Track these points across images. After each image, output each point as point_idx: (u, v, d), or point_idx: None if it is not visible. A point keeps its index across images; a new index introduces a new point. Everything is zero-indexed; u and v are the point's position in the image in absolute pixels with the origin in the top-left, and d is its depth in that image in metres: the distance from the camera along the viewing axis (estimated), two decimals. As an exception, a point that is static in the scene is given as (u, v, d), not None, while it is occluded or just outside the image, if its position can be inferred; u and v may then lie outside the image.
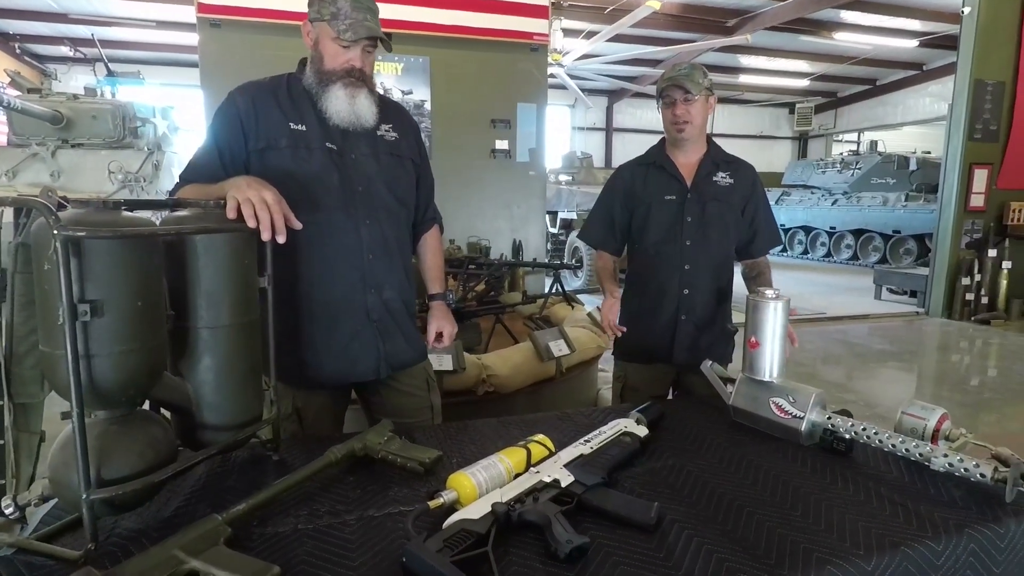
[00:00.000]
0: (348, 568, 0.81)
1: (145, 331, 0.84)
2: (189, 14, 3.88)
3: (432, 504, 0.90)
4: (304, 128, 1.34)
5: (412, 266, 1.55)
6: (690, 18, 10.73)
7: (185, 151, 6.53)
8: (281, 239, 1.05)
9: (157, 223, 0.93)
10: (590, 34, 9.07)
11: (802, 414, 1.23)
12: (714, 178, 1.80)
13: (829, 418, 1.21)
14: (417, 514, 0.88)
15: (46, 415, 0.90)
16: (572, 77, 10.41)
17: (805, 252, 13.28)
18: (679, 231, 1.78)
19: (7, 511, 0.84)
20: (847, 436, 1.17)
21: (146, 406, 0.97)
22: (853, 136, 17.48)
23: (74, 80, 9.91)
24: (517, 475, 1.00)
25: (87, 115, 6.17)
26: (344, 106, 1.33)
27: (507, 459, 1.01)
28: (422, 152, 1.57)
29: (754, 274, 1.90)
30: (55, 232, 0.73)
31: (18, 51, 12.23)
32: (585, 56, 9.53)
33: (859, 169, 12.64)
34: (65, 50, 11.72)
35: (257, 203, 1.01)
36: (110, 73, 7.10)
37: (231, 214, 1.00)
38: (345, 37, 1.31)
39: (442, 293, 1.65)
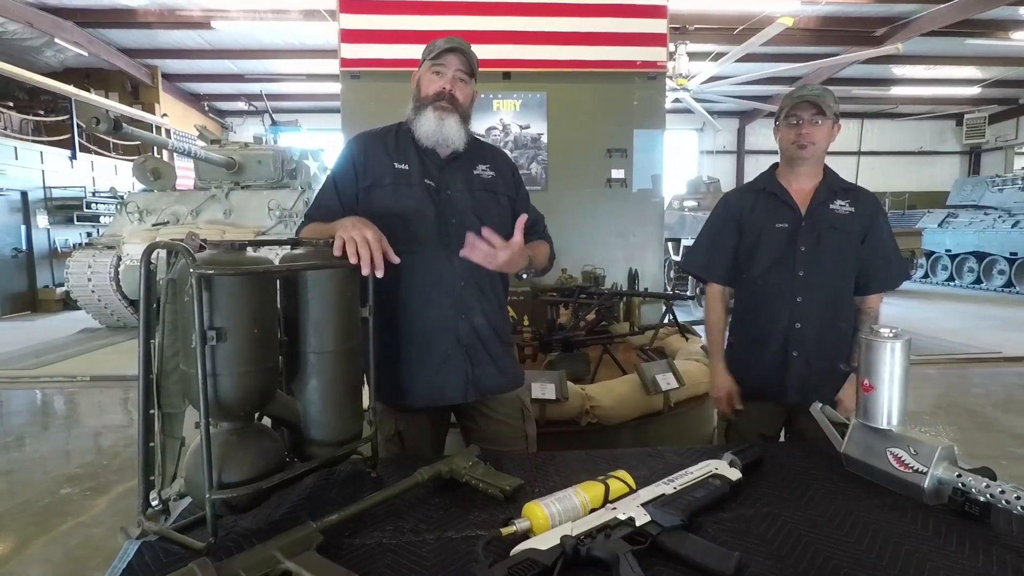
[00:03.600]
0: (420, 585, 0.86)
1: (259, 355, 0.97)
2: (334, 67, 4.36)
3: (504, 531, 0.93)
4: (407, 167, 1.48)
5: (504, 296, 1.60)
6: (830, 31, 10.01)
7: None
8: (379, 274, 1.16)
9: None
10: (718, 56, 8.80)
11: (925, 468, 1.09)
12: (831, 206, 1.67)
13: (959, 475, 1.06)
14: (488, 539, 0.91)
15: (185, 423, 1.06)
16: (699, 100, 10.14)
17: (977, 281, 11.60)
18: (791, 261, 1.67)
19: (153, 503, 1.00)
20: (982, 499, 1.02)
21: (267, 422, 1.11)
22: (1042, 147, 15.15)
23: (246, 130, 11.58)
24: (593, 510, 0.99)
25: (254, 160, 7.18)
26: (432, 126, 1.46)
27: (584, 493, 1.01)
28: (520, 188, 1.64)
29: (863, 313, 1.72)
30: (192, 270, 0.89)
31: (206, 108, 14.62)
32: (713, 79, 9.25)
33: (1049, 185, 10.91)
34: (241, 105, 13.77)
35: (359, 241, 1.14)
36: (274, 123, 8.18)
37: (336, 252, 1.13)
38: (429, 57, 1.48)
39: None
